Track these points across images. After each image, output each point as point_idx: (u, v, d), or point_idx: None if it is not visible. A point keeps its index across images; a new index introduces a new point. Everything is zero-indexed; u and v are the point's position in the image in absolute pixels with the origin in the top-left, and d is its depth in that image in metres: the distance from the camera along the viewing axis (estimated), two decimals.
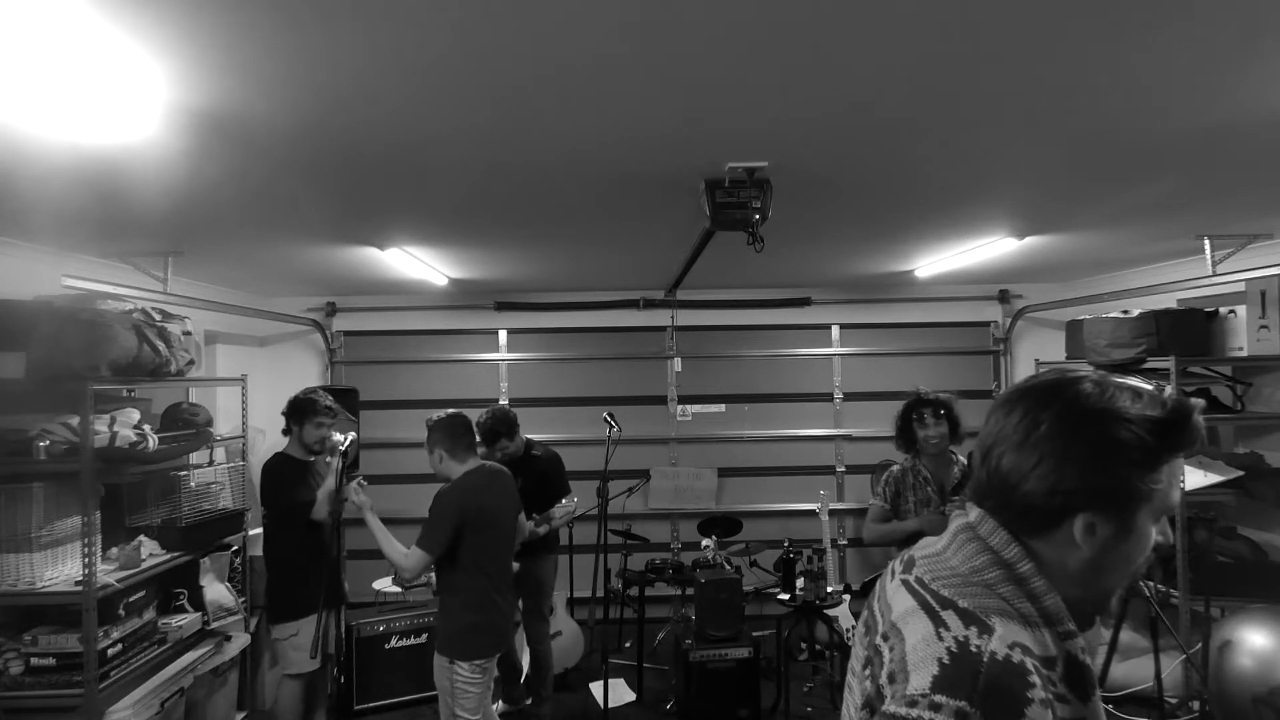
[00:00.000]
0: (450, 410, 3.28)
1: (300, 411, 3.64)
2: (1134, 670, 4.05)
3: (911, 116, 2.02)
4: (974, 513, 1.02)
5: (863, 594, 5.28)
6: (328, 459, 3.64)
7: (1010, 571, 0.94)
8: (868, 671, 0.97)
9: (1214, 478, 4.00)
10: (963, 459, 3.47)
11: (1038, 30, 1.52)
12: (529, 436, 4.23)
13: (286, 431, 3.68)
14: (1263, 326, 3.85)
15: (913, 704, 0.85)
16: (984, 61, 1.67)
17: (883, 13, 1.43)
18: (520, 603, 4.11)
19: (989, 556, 0.96)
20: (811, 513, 5.18)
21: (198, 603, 3.76)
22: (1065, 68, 1.71)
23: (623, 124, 2.02)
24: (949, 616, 0.92)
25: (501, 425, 3.94)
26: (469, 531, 3.02)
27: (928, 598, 0.96)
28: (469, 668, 3.01)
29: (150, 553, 3.43)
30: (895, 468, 3.51)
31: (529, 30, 1.47)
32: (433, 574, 3.57)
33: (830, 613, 4.41)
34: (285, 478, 3.55)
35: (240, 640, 3.97)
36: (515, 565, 3.88)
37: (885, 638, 0.97)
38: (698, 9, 1.40)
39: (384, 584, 4.80)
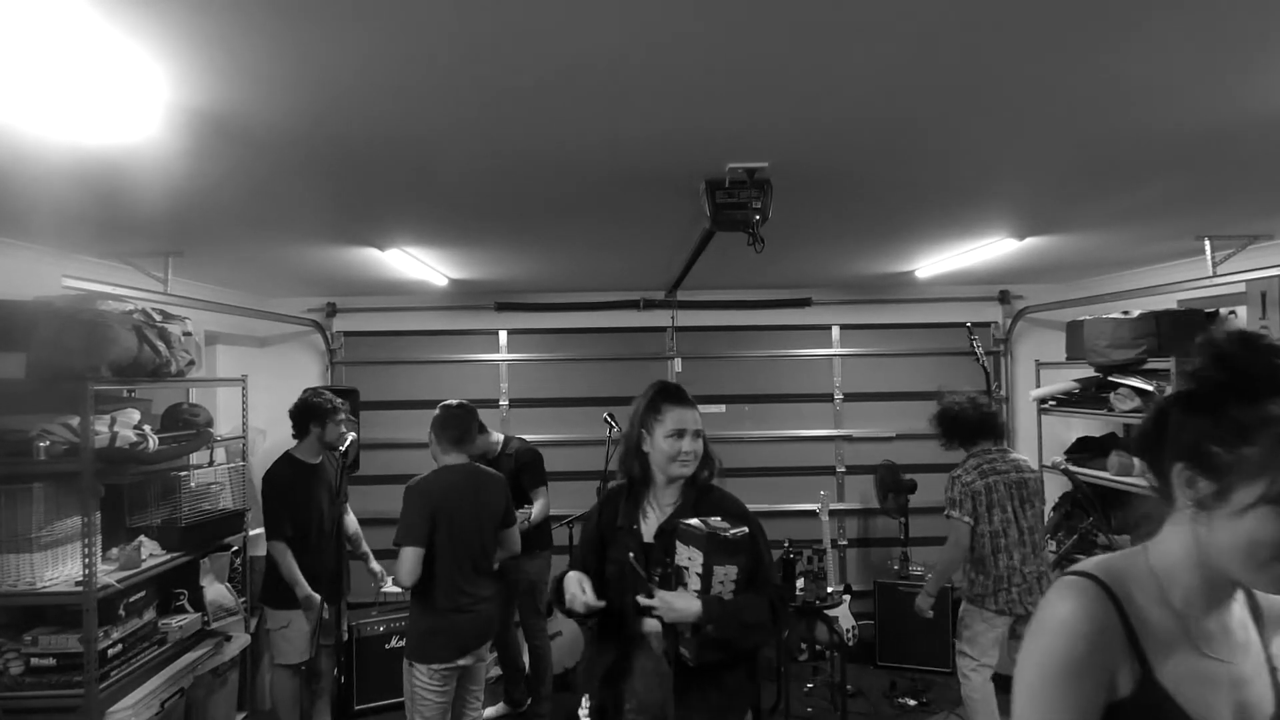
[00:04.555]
0: (457, 400, 3.31)
1: (320, 413, 3.73)
2: None
3: (912, 117, 2.02)
4: None
5: (863, 594, 5.29)
6: (336, 454, 3.77)
7: None
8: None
9: None
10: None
11: (1038, 31, 1.52)
12: (515, 436, 4.23)
13: (301, 434, 3.73)
14: (1263, 327, 3.85)
15: None
16: (984, 63, 1.67)
17: (882, 13, 1.43)
18: (515, 603, 4.11)
19: None
20: (812, 513, 5.18)
21: (198, 603, 3.77)
22: (1065, 68, 1.71)
23: (623, 124, 2.02)
24: None
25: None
26: (431, 530, 2.98)
27: None
28: (426, 671, 2.98)
29: (150, 553, 3.43)
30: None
31: (530, 31, 1.47)
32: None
33: (830, 613, 4.40)
34: (298, 486, 3.67)
35: (240, 640, 3.97)
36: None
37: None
38: (698, 10, 1.40)
39: (385, 584, 4.78)
